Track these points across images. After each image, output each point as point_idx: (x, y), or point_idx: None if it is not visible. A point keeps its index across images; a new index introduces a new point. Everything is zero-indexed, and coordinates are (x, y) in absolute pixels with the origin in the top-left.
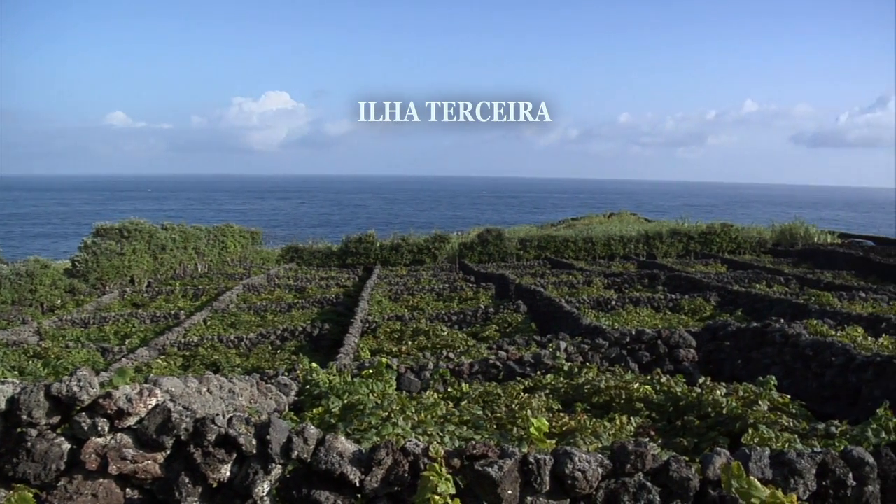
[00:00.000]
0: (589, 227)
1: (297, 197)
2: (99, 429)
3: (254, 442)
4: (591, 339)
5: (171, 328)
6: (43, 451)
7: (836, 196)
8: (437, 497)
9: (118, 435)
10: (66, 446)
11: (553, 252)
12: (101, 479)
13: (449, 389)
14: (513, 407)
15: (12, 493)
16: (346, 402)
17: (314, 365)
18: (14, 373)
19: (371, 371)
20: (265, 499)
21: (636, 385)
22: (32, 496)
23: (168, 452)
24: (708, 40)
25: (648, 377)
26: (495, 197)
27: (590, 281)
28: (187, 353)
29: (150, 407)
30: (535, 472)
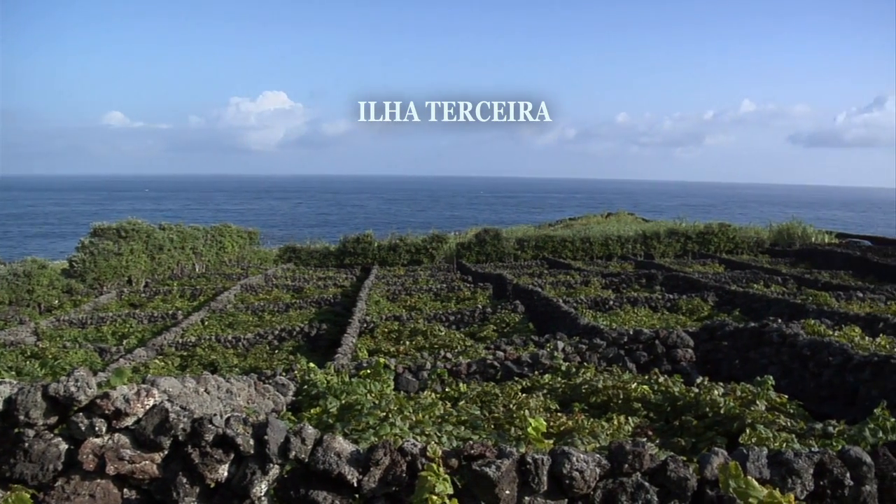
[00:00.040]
0: (586, 227)
1: (294, 197)
2: (96, 429)
3: (251, 442)
4: (588, 339)
5: (168, 328)
6: (40, 451)
7: (833, 196)
8: (434, 497)
9: (116, 435)
10: (64, 447)
11: (551, 252)
12: (98, 480)
13: (447, 389)
14: (510, 407)
15: (10, 493)
16: (343, 402)
17: (312, 365)
18: (11, 373)
19: (369, 371)
20: (263, 499)
21: (634, 385)
22: (30, 497)
23: (166, 453)
24: (706, 40)
25: (646, 377)
26: (493, 197)
27: (587, 281)
28: (185, 354)
29: (147, 407)
30: (533, 472)
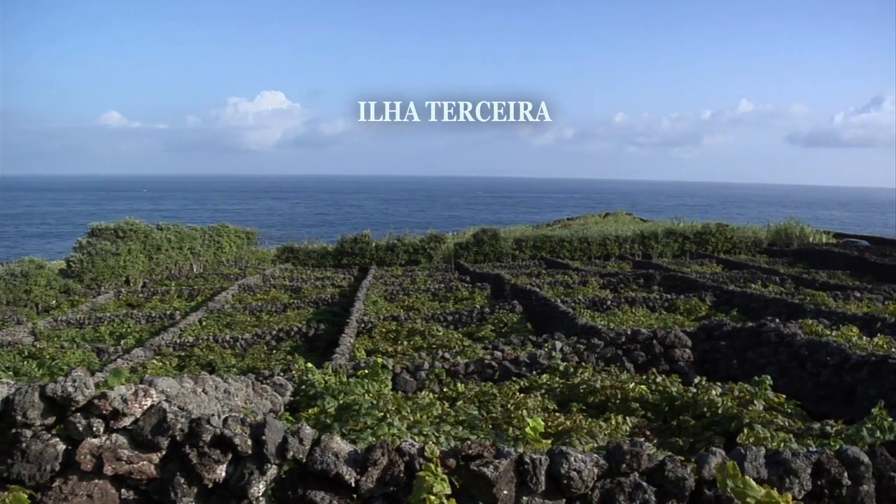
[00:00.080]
0: (584, 226)
1: (292, 197)
2: (94, 429)
3: (249, 442)
4: (586, 338)
5: (166, 328)
6: (38, 451)
7: (831, 196)
8: (432, 497)
9: (113, 435)
10: (61, 447)
11: (548, 252)
12: (96, 480)
13: (444, 389)
14: (508, 407)
15: (7, 493)
16: (341, 402)
17: (310, 365)
18: (9, 373)
19: (367, 371)
20: (261, 499)
21: (632, 385)
22: (27, 497)
23: (163, 453)
24: (704, 40)
25: (644, 377)
26: (491, 197)
27: (585, 281)
28: (183, 354)
29: (145, 407)
30: (531, 472)
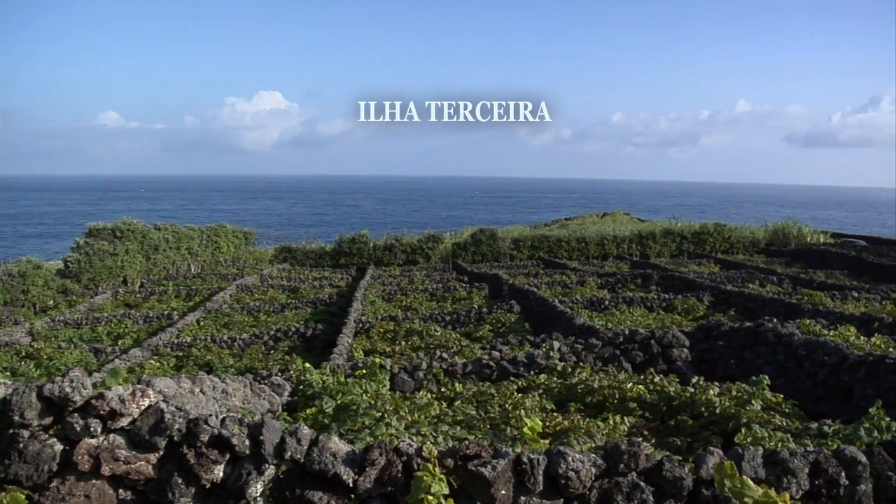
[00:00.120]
0: (582, 227)
1: (290, 197)
2: (91, 430)
3: (247, 442)
4: (584, 338)
5: (164, 329)
6: (35, 452)
7: (828, 196)
8: (430, 497)
9: (111, 436)
10: (59, 447)
11: (546, 252)
12: (93, 480)
13: (442, 389)
14: (506, 407)
15: (4, 494)
16: (339, 402)
17: (307, 365)
18: (6, 374)
19: (364, 371)
20: (258, 499)
21: (629, 385)
22: (25, 497)
23: (161, 453)
24: (701, 40)
25: (642, 377)
26: (489, 197)
27: (583, 281)
28: (180, 354)
29: (142, 408)
30: (529, 472)
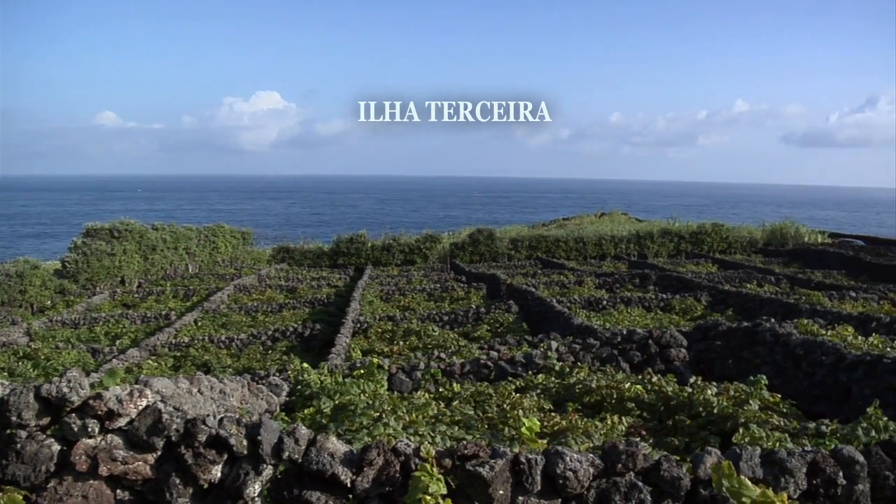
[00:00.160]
0: (580, 226)
1: (287, 197)
2: (89, 430)
3: (245, 443)
4: (582, 338)
5: (161, 329)
6: (32, 452)
7: (826, 196)
8: (428, 497)
9: (108, 436)
10: (56, 448)
11: (544, 252)
12: (91, 481)
13: (440, 389)
14: (504, 407)
15: (2, 494)
16: (337, 402)
17: (305, 365)
18: (3, 374)
19: (362, 371)
20: (256, 499)
21: (627, 385)
22: (22, 498)
23: (159, 453)
24: (699, 40)
25: (639, 377)
26: (486, 197)
27: (581, 281)
28: (178, 354)
29: (140, 408)
30: (527, 471)
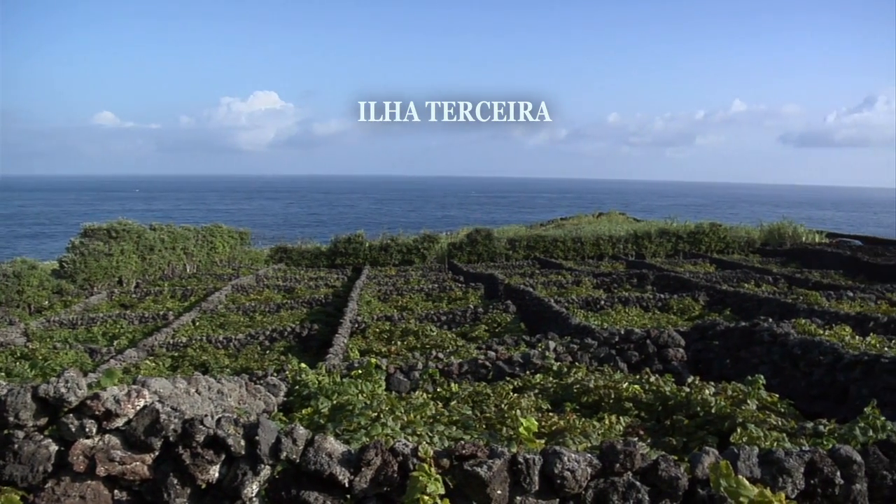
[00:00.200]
0: (578, 226)
1: (285, 197)
2: (87, 430)
3: (242, 443)
4: (580, 338)
5: (159, 329)
6: (30, 452)
7: (824, 196)
8: (426, 497)
9: (106, 436)
10: (54, 448)
11: (542, 252)
12: (88, 481)
13: (438, 389)
14: (502, 407)
15: None
16: (335, 402)
17: (303, 365)
18: (1, 374)
19: (360, 371)
20: (254, 500)
21: (625, 384)
22: (19, 498)
23: (156, 454)
24: (697, 40)
25: (637, 377)
26: (484, 197)
27: (579, 281)
28: (176, 354)
29: (138, 408)
30: (525, 471)
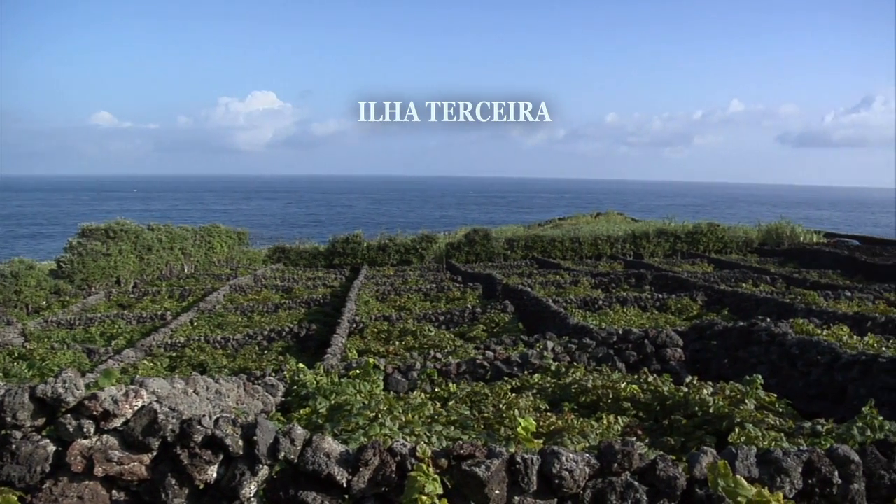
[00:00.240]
0: (576, 226)
1: (283, 197)
2: (84, 430)
3: (240, 443)
4: (578, 338)
5: (157, 329)
6: (28, 453)
7: (821, 196)
8: (424, 497)
9: (104, 436)
10: (52, 448)
11: (540, 252)
12: (86, 481)
13: (436, 389)
14: (500, 407)
15: None
16: (333, 402)
17: (301, 365)
18: None
19: (358, 371)
20: (252, 500)
21: (623, 384)
22: (17, 499)
23: (154, 454)
24: (695, 40)
25: (635, 376)
26: (482, 197)
27: (577, 281)
28: (174, 354)
29: (136, 408)
30: (523, 471)
